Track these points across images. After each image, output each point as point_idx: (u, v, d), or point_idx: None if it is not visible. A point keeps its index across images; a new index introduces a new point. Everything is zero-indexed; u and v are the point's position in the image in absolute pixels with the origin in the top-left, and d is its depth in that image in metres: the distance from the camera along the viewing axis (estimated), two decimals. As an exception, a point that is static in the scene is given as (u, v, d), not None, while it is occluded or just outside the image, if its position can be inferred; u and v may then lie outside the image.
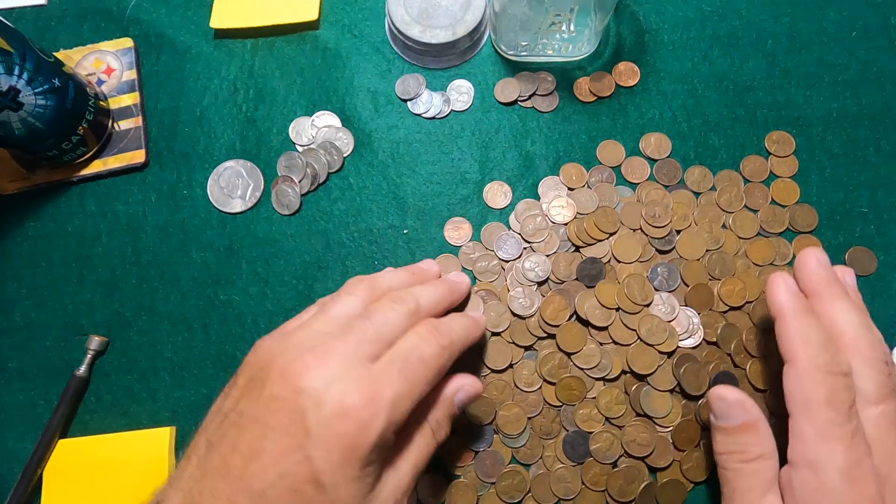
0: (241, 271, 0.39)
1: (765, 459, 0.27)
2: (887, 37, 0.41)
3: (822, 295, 0.29)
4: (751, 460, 0.27)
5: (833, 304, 0.29)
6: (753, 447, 0.27)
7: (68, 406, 0.36)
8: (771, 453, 0.27)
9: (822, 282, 0.29)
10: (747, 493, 0.27)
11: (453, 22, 0.41)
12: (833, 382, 0.26)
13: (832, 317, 0.28)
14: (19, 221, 0.41)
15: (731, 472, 0.28)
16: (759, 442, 0.27)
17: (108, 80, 0.43)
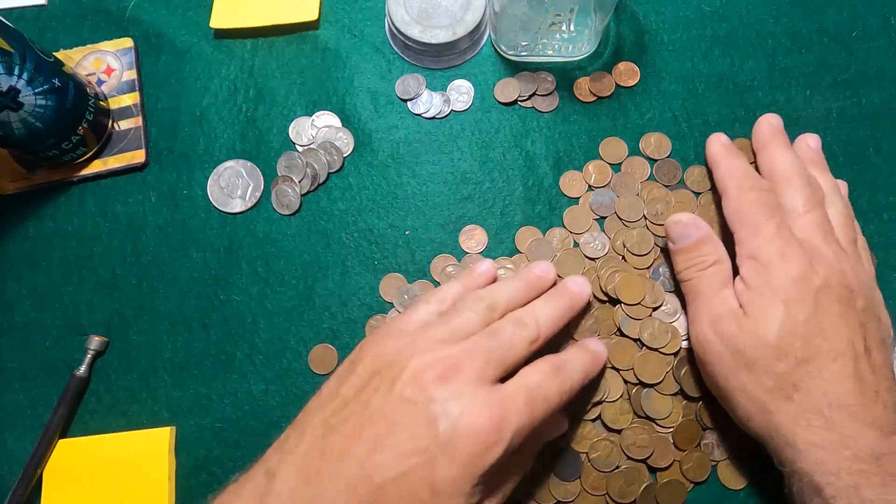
0: (241, 271, 0.39)
1: (720, 263, 0.32)
2: (887, 37, 0.41)
3: (766, 145, 0.36)
4: (708, 266, 0.32)
5: (773, 151, 0.35)
6: (709, 256, 0.32)
7: (68, 406, 0.37)
8: (724, 258, 0.32)
9: (767, 135, 0.36)
10: (707, 290, 0.32)
11: (453, 22, 0.41)
12: (756, 195, 0.32)
13: (771, 160, 0.35)
14: (19, 221, 0.41)
15: (694, 279, 0.32)
16: (714, 251, 0.32)
17: (108, 80, 0.43)
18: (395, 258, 0.39)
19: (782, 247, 0.30)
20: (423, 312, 0.31)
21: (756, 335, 0.29)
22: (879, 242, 0.38)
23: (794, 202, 0.32)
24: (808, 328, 0.28)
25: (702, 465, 0.33)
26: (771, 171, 0.34)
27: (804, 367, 0.28)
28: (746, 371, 0.29)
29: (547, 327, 0.31)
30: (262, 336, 0.38)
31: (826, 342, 0.28)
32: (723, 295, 0.31)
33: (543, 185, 0.40)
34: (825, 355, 0.28)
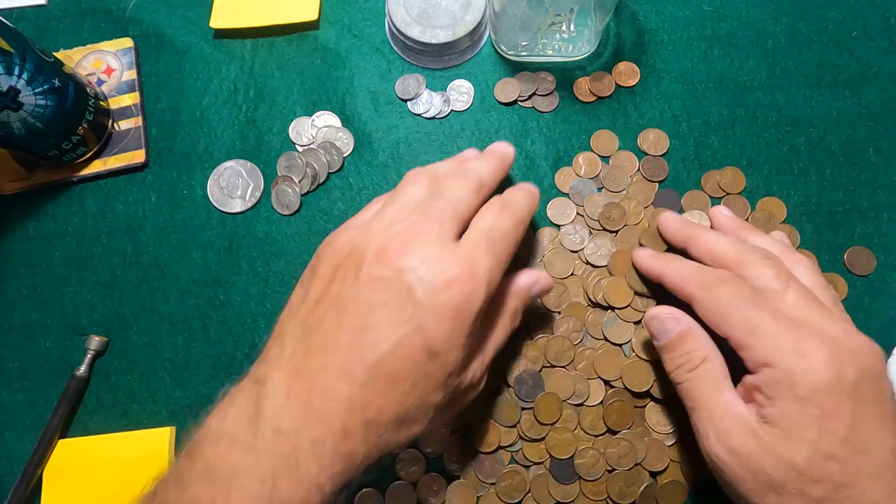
0: (241, 271, 0.39)
1: (709, 360, 0.29)
2: (887, 37, 0.41)
3: (691, 238, 0.33)
4: (697, 365, 0.29)
5: (700, 240, 0.32)
6: (696, 353, 0.29)
7: (68, 406, 0.37)
8: (713, 353, 0.29)
9: (680, 230, 0.34)
10: (704, 396, 0.28)
11: (453, 22, 0.41)
12: (727, 289, 0.29)
13: (708, 248, 0.32)
14: (19, 221, 0.41)
15: (686, 383, 0.29)
16: (699, 345, 0.29)
17: (108, 80, 0.43)
18: (395, 258, 0.39)
19: (794, 343, 0.26)
20: (371, 208, 0.31)
21: (781, 458, 0.25)
22: (879, 243, 0.38)
23: (764, 283, 0.29)
24: (846, 448, 0.25)
25: (702, 465, 0.33)
26: (715, 260, 0.31)
27: (844, 491, 0.24)
28: (775, 494, 0.25)
29: (488, 175, 0.31)
30: (262, 336, 0.38)
31: (869, 459, 0.25)
32: (723, 401, 0.28)
33: (543, 185, 0.40)
34: (868, 475, 0.25)
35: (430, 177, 0.31)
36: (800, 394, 0.25)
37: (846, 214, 0.38)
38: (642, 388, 0.34)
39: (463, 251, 0.27)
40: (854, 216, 0.38)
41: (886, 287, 0.37)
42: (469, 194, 0.30)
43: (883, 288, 0.37)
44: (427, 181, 0.30)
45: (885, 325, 0.36)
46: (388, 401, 0.25)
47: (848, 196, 0.39)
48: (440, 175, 0.31)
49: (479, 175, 0.31)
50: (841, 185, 0.39)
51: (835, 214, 0.38)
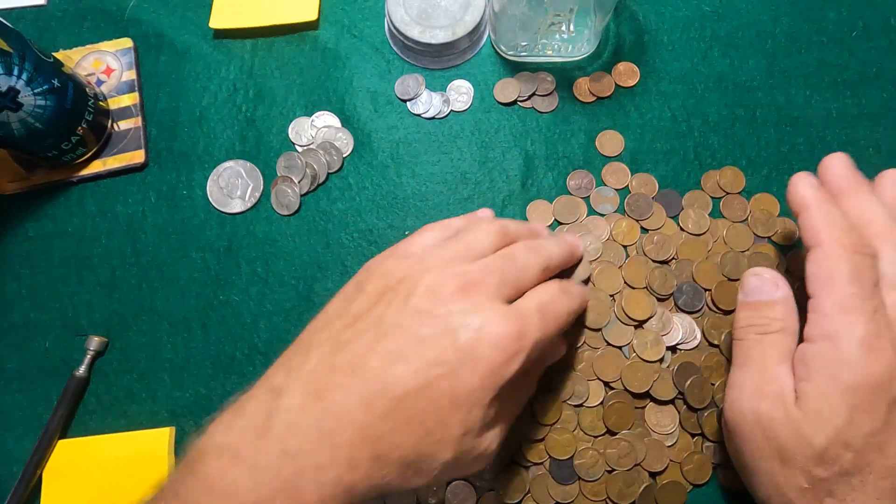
0: (240, 272, 0.39)
1: (785, 334, 0.28)
2: (887, 37, 0.41)
3: (847, 191, 0.29)
4: (772, 332, 0.28)
5: (859, 198, 0.29)
6: (776, 322, 0.28)
7: (68, 406, 0.36)
8: (793, 330, 0.28)
9: (846, 178, 0.30)
10: (761, 359, 0.28)
11: (453, 22, 0.41)
12: (858, 260, 0.26)
13: (859, 208, 0.29)
14: (19, 222, 0.41)
15: (750, 340, 0.28)
16: (785, 317, 0.28)
17: (107, 80, 0.43)
18: (395, 258, 0.39)
19: (872, 339, 0.25)
20: (429, 238, 0.31)
21: (801, 434, 0.25)
22: (879, 243, 0.38)
23: (889, 269, 0.27)
24: (868, 443, 0.25)
25: (702, 467, 0.33)
26: (860, 221, 0.28)
27: (847, 478, 0.25)
28: (779, 462, 0.26)
29: (556, 259, 0.31)
30: (261, 336, 0.38)
31: (883, 458, 0.25)
32: (777, 371, 0.27)
33: (543, 185, 0.40)
34: (877, 472, 0.25)
35: (501, 232, 0.30)
36: (845, 379, 0.25)
37: (846, 215, 0.38)
38: (642, 389, 0.34)
39: (516, 313, 0.26)
40: (854, 216, 0.38)
41: (886, 287, 0.37)
42: (536, 269, 0.29)
43: (883, 288, 0.37)
44: (497, 236, 0.30)
45: (885, 325, 0.36)
46: (401, 440, 0.24)
47: None
48: (510, 233, 0.31)
49: (550, 257, 0.31)
50: (841, 185, 0.39)
51: (835, 215, 0.38)
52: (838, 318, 0.26)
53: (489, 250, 0.29)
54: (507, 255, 0.29)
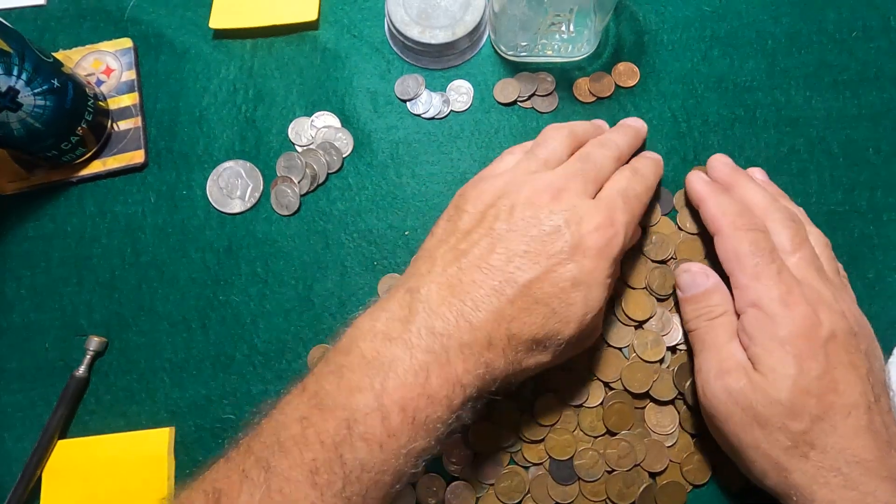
0: (240, 272, 0.39)
1: (728, 315, 0.31)
2: (887, 37, 0.41)
3: (731, 184, 0.35)
4: (716, 316, 0.32)
5: (742, 187, 0.34)
6: (717, 306, 0.32)
7: (67, 406, 0.37)
8: (731, 310, 0.31)
9: (729, 173, 0.36)
10: (715, 342, 0.31)
11: (452, 22, 0.41)
12: (753, 236, 0.31)
13: (743, 196, 0.34)
14: (19, 222, 0.41)
15: (702, 328, 0.32)
16: (722, 301, 0.32)
17: (107, 80, 0.43)
18: (395, 258, 0.39)
19: (784, 294, 0.29)
20: (509, 160, 0.34)
21: (767, 393, 0.28)
22: (879, 243, 0.38)
23: (780, 239, 0.32)
24: (821, 385, 0.28)
25: (702, 467, 0.33)
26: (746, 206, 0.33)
27: (819, 424, 0.27)
28: (759, 428, 0.28)
29: (625, 147, 0.35)
30: (261, 336, 0.38)
31: (839, 397, 0.28)
32: (731, 347, 0.30)
33: (543, 185, 0.40)
34: (839, 411, 0.28)
35: (571, 136, 0.34)
36: (780, 334, 0.28)
37: (846, 214, 0.38)
38: (642, 390, 0.34)
39: (604, 204, 0.30)
40: (853, 216, 0.38)
41: (886, 287, 0.37)
42: (609, 162, 0.33)
43: (883, 288, 0.37)
44: (568, 140, 0.34)
45: (885, 325, 0.36)
46: (530, 320, 0.28)
47: (847, 196, 0.38)
48: (579, 134, 0.34)
49: (619, 147, 0.34)
50: (840, 185, 0.39)
51: (834, 214, 0.38)
52: (753, 286, 0.30)
53: (566, 155, 0.33)
54: (583, 157, 0.33)
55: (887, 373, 0.34)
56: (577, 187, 0.31)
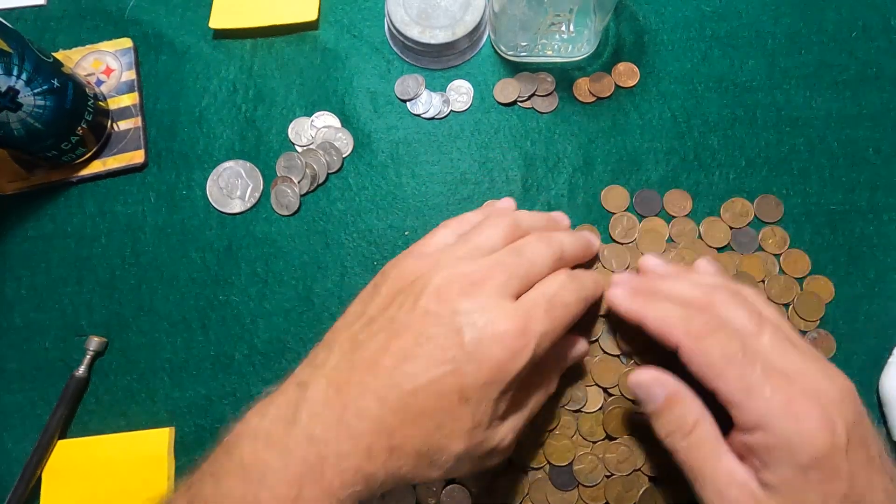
0: (240, 272, 0.39)
1: (701, 424, 0.27)
2: (887, 37, 0.41)
3: (652, 295, 0.31)
4: (691, 430, 0.27)
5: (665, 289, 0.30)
6: (687, 416, 0.28)
7: (67, 407, 0.37)
8: (703, 414, 0.28)
9: (638, 296, 0.31)
10: (705, 466, 0.27)
11: (452, 22, 0.41)
12: (718, 340, 0.27)
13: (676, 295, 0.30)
14: (18, 222, 0.41)
15: (682, 451, 0.28)
16: (690, 409, 0.28)
17: (107, 80, 0.43)
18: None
19: (787, 404, 0.25)
20: (443, 236, 0.32)
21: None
22: (879, 243, 0.38)
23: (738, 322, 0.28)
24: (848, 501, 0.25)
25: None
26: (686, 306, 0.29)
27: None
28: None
29: (570, 253, 0.31)
30: (261, 337, 0.38)
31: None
32: (725, 469, 0.26)
33: (542, 185, 0.40)
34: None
35: (512, 226, 0.31)
36: (800, 461, 0.25)
37: (846, 214, 0.38)
38: None
39: (521, 309, 0.27)
40: (854, 216, 0.38)
41: (886, 287, 0.37)
42: (546, 260, 0.29)
43: (883, 288, 0.37)
44: (508, 229, 0.30)
45: (885, 325, 0.36)
46: (413, 432, 0.26)
47: (847, 196, 0.38)
48: (522, 225, 0.31)
49: (562, 248, 0.31)
50: (840, 185, 0.39)
51: (834, 214, 0.38)
52: (748, 405, 0.26)
53: (500, 245, 0.30)
54: (515, 250, 0.29)
55: (886, 375, 0.34)
56: (497, 283, 0.27)
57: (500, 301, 0.27)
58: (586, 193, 0.39)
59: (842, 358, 0.36)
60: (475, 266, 0.28)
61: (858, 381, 0.35)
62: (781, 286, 0.36)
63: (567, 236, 0.32)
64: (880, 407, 0.35)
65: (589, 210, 0.39)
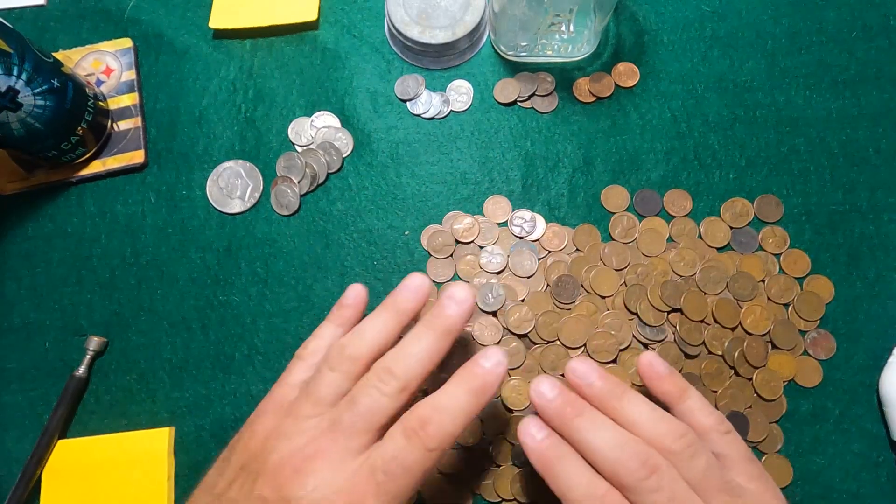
0: (240, 272, 0.39)
1: None
2: (887, 37, 0.41)
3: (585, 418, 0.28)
4: None
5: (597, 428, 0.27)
6: None
7: (67, 406, 0.36)
8: None
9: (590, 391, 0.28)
10: None
11: (452, 22, 0.41)
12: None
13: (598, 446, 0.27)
14: (18, 222, 0.41)
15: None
16: None
17: (107, 80, 0.43)
18: (395, 258, 0.39)
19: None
20: (298, 372, 0.30)
21: None
22: (879, 243, 0.38)
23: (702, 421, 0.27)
24: None
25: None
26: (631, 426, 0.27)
27: None
28: None
29: (417, 371, 0.27)
30: (261, 337, 0.38)
31: None
32: None
33: (542, 185, 0.40)
34: None
35: (351, 361, 0.28)
36: None
37: (846, 214, 0.38)
38: None
39: (353, 484, 0.25)
40: (854, 216, 0.38)
41: (886, 287, 0.37)
42: (389, 402, 0.26)
43: (883, 288, 0.37)
44: (347, 369, 0.28)
45: (885, 325, 0.36)
46: None
47: (847, 196, 0.38)
48: (362, 356, 0.28)
49: (407, 373, 0.27)
50: (840, 185, 0.39)
51: (834, 214, 0.38)
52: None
53: (344, 387, 0.28)
54: (351, 402, 0.27)
55: (886, 375, 0.34)
56: (336, 450, 0.26)
57: (335, 474, 0.25)
58: (586, 193, 0.39)
59: (842, 358, 0.36)
60: (308, 436, 0.26)
61: (858, 381, 0.35)
62: (781, 286, 0.36)
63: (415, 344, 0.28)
64: (880, 407, 0.35)
65: (589, 210, 0.39)
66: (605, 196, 0.39)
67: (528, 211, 0.39)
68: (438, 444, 0.26)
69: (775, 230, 0.38)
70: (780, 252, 0.37)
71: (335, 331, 0.31)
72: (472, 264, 0.38)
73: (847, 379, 0.35)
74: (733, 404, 0.34)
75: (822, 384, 0.35)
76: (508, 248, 0.38)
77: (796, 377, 0.35)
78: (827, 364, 0.36)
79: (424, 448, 0.25)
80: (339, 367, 0.28)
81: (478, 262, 0.37)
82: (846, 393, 0.35)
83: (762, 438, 0.34)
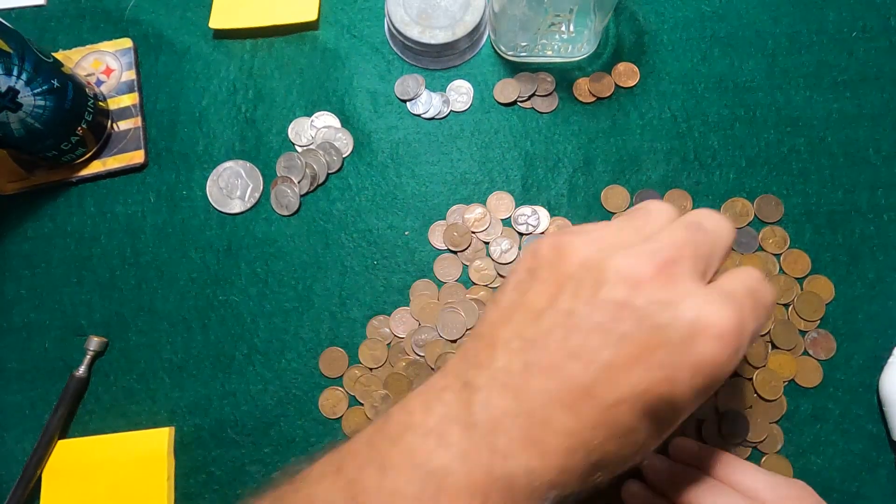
0: (240, 272, 0.39)
1: None
2: (887, 37, 0.41)
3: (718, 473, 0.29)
4: None
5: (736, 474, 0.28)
6: None
7: (67, 406, 0.37)
8: None
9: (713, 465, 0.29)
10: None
11: (452, 22, 0.41)
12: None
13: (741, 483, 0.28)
14: (18, 222, 0.41)
15: None
16: None
17: (107, 80, 0.43)
18: (395, 258, 0.39)
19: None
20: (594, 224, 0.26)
21: None
22: (879, 243, 0.38)
23: None
24: None
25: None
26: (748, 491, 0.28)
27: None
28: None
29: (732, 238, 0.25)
30: (261, 336, 0.38)
31: None
32: None
33: (542, 185, 0.40)
34: None
35: (671, 210, 0.25)
36: None
37: (846, 215, 0.38)
38: None
39: (734, 301, 0.21)
40: (854, 216, 0.38)
41: (886, 287, 0.37)
42: (726, 242, 0.24)
43: (883, 288, 0.37)
44: (674, 212, 0.25)
45: (885, 325, 0.36)
46: (612, 449, 0.22)
47: (848, 196, 0.38)
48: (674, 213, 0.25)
49: (731, 231, 0.25)
50: (841, 185, 0.39)
51: (834, 214, 0.38)
52: None
53: (667, 224, 0.24)
54: (694, 225, 0.23)
55: (886, 375, 0.35)
56: (690, 265, 0.22)
57: (702, 287, 0.22)
58: (586, 193, 0.39)
59: (842, 358, 0.36)
60: (657, 244, 0.22)
61: (858, 381, 0.35)
62: (781, 286, 0.36)
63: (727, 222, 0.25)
64: (880, 407, 0.35)
65: (589, 210, 0.39)
66: (605, 196, 0.39)
67: (529, 207, 0.39)
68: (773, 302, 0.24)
69: (775, 230, 0.38)
70: (781, 252, 0.37)
71: None
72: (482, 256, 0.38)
73: (847, 379, 0.35)
74: (733, 404, 0.34)
75: (822, 384, 0.35)
76: (516, 242, 0.38)
77: (796, 377, 0.35)
78: (827, 364, 0.36)
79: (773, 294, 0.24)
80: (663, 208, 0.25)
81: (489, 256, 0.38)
82: (846, 393, 0.35)
83: (762, 438, 0.34)
